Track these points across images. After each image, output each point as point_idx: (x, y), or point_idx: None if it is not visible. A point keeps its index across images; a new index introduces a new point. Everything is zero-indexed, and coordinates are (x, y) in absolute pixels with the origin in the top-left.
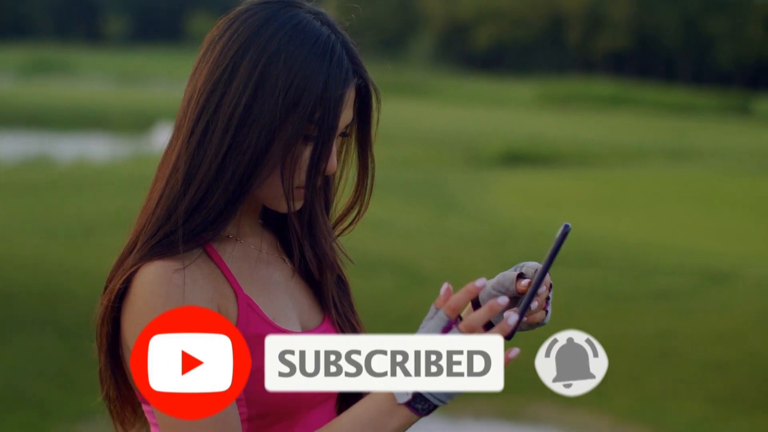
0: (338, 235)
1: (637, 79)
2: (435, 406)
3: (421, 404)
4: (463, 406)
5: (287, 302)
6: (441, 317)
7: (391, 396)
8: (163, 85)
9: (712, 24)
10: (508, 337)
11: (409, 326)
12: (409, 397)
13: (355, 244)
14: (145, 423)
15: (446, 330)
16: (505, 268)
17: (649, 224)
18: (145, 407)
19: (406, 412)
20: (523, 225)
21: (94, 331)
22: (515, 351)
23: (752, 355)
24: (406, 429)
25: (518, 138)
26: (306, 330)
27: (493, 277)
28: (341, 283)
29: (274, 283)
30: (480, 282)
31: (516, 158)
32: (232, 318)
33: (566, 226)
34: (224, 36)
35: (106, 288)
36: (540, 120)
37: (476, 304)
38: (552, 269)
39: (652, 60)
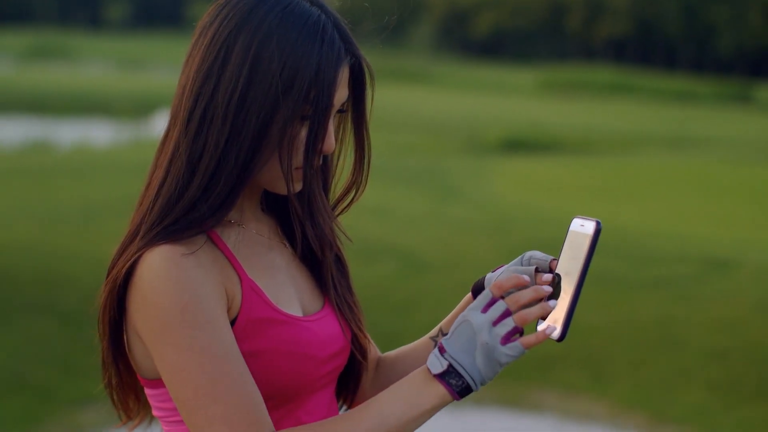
0: (337, 215)
1: (637, 66)
2: (468, 387)
3: (455, 380)
4: None
5: (289, 286)
6: (485, 295)
7: (426, 372)
8: (164, 71)
9: (713, 12)
10: (559, 340)
11: (409, 312)
12: (444, 367)
13: (356, 231)
14: (148, 409)
15: (488, 306)
16: (506, 255)
17: (650, 211)
18: (148, 391)
19: (441, 389)
20: (524, 212)
21: (96, 319)
22: (551, 328)
23: (752, 343)
24: (438, 409)
25: (519, 125)
26: (307, 314)
27: (494, 264)
28: (340, 263)
29: (276, 268)
30: (552, 303)
31: (516, 145)
32: (237, 302)
33: (598, 224)
34: (215, 22)
35: (108, 275)
36: (540, 107)
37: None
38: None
39: (652, 47)
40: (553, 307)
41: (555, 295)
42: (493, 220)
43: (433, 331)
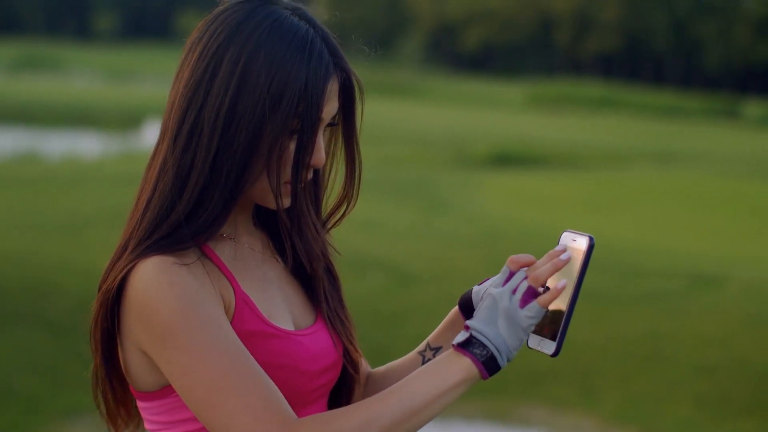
0: (329, 229)
1: (625, 81)
2: (492, 357)
3: (479, 349)
4: (452, 407)
5: (281, 300)
6: (503, 271)
7: (453, 348)
8: (153, 83)
9: (701, 27)
10: (554, 355)
11: (398, 325)
12: (466, 335)
13: (344, 244)
14: (139, 422)
15: (507, 280)
16: (494, 268)
17: (638, 226)
18: (140, 404)
19: (466, 361)
20: (512, 225)
21: (88, 333)
22: (563, 282)
23: (740, 358)
24: (468, 386)
25: (507, 139)
26: (299, 329)
27: (482, 277)
28: (332, 277)
29: (268, 282)
30: (566, 255)
31: (505, 159)
32: (230, 312)
33: (591, 239)
34: (204, 37)
35: (99, 290)
36: (529, 121)
37: (467, 310)
38: None
39: (640, 62)
40: (566, 261)
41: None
42: (481, 233)
43: (421, 346)
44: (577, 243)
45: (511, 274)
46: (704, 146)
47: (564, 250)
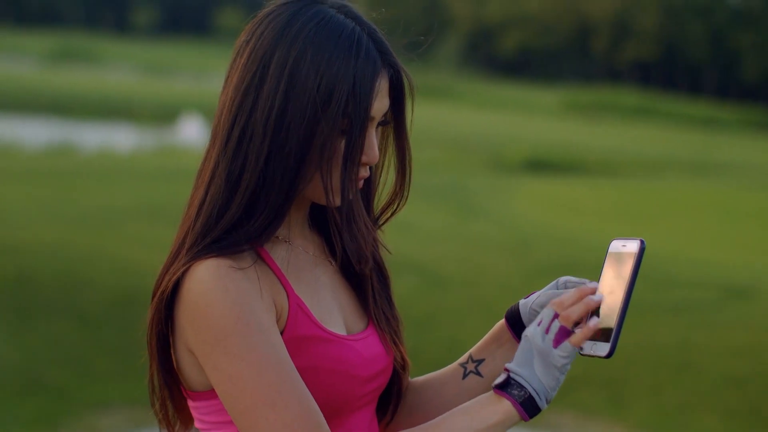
0: (380, 226)
1: (662, 90)
2: (530, 398)
3: (517, 390)
4: None
5: (333, 304)
6: (548, 314)
7: (492, 390)
8: (189, 78)
9: (739, 38)
10: (608, 356)
11: (428, 329)
12: (505, 376)
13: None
14: (189, 421)
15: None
16: (525, 274)
17: (671, 236)
18: (191, 403)
19: (505, 403)
20: (545, 232)
21: (145, 341)
22: (595, 320)
23: None
24: (507, 427)
25: (542, 145)
26: (351, 333)
27: (514, 283)
28: (381, 275)
29: (321, 285)
30: (598, 296)
31: (539, 165)
32: (284, 317)
33: (642, 242)
34: (251, 40)
35: (154, 293)
36: (564, 128)
37: (514, 324)
38: None
39: (677, 72)
40: (598, 302)
41: (596, 316)
42: (513, 238)
43: (463, 358)
44: (627, 248)
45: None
46: (740, 158)
47: (595, 289)
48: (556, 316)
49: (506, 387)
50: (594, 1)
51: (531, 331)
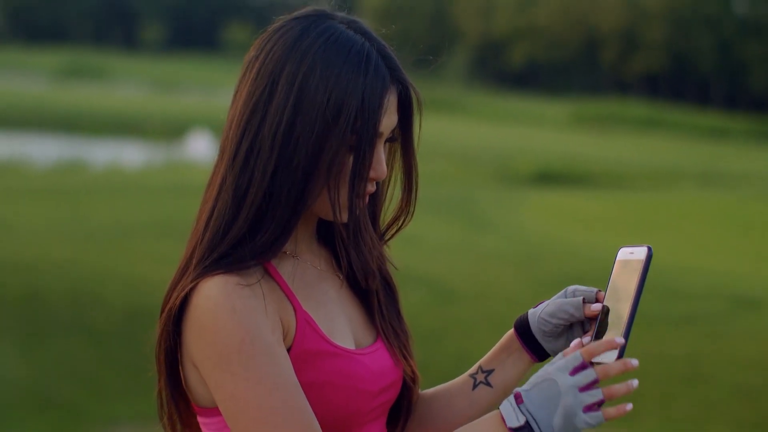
0: (386, 242)
1: (671, 101)
2: None
3: None
4: None
5: (342, 318)
6: (575, 357)
7: (500, 421)
8: (198, 93)
9: (748, 49)
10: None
11: (437, 342)
12: (521, 422)
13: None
14: None
15: (577, 371)
16: (534, 287)
17: (680, 247)
18: (200, 419)
19: None
20: (553, 244)
21: (153, 356)
22: (629, 406)
23: None
24: None
25: (551, 157)
26: (360, 347)
27: (522, 296)
28: (389, 289)
29: (329, 300)
30: (634, 362)
31: (548, 177)
32: (291, 333)
33: (649, 249)
34: (260, 55)
35: (162, 309)
36: (573, 140)
37: (523, 333)
38: None
39: (686, 83)
40: (635, 387)
41: (603, 326)
42: (522, 251)
43: (473, 369)
44: (634, 255)
45: (583, 366)
46: (749, 168)
47: (600, 310)
48: (596, 381)
49: (521, 430)
50: (602, 13)
51: (562, 382)
